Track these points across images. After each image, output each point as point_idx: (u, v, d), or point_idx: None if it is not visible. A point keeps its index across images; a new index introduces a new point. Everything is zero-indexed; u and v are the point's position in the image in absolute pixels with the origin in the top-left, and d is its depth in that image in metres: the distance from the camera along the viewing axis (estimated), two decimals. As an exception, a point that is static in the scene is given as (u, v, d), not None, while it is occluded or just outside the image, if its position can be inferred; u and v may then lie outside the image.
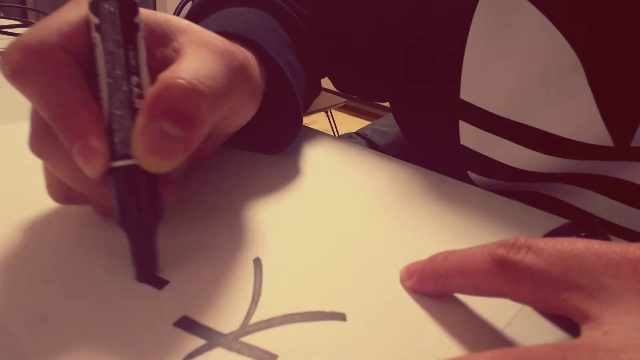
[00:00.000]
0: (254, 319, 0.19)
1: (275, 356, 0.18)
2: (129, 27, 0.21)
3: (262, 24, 0.34)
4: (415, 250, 0.24)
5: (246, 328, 0.19)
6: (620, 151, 0.30)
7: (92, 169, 0.20)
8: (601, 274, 0.16)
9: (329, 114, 2.22)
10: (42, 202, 0.25)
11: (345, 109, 2.98)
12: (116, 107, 0.20)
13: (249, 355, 0.18)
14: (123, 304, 0.20)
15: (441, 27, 0.34)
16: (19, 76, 0.20)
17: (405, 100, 0.41)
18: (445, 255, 0.20)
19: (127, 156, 0.20)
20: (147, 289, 0.20)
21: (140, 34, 0.21)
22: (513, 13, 0.30)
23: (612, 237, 0.24)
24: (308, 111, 1.85)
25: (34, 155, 0.22)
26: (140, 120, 0.20)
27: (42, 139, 0.21)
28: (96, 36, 0.21)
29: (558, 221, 0.28)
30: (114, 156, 0.20)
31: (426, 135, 0.40)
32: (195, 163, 0.29)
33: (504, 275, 0.17)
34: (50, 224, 0.24)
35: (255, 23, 0.33)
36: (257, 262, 0.23)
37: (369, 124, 0.71)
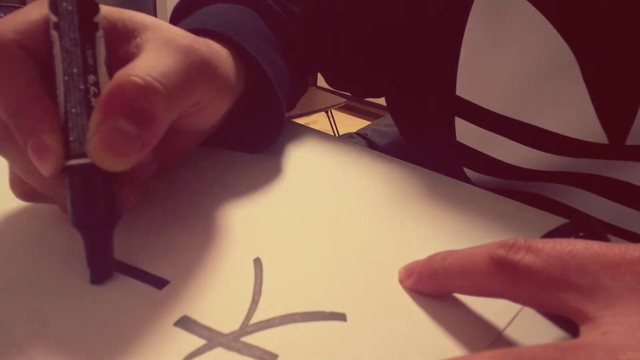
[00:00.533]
0: (254, 319, 0.19)
1: (276, 356, 0.18)
2: (87, 26, 0.21)
3: (245, 22, 0.34)
4: (415, 250, 0.24)
5: (246, 328, 0.19)
6: (616, 149, 0.30)
7: (46, 166, 0.20)
8: (600, 275, 0.16)
9: (329, 114, 2.22)
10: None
11: (345, 109, 2.98)
12: (72, 105, 0.20)
13: (249, 355, 0.18)
14: (123, 304, 0.20)
15: (438, 23, 0.34)
16: None
17: (401, 96, 0.41)
18: (444, 256, 0.20)
19: (83, 155, 0.20)
20: (147, 289, 0.21)
21: (100, 34, 0.21)
22: (509, 10, 0.30)
23: (610, 237, 0.24)
24: (308, 111, 1.85)
25: None
26: (95, 118, 0.19)
27: (0, 136, 0.21)
28: (54, 34, 0.21)
29: (557, 221, 0.28)
30: (69, 154, 0.20)
31: (423, 132, 0.40)
32: (171, 162, 0.28)
33: (503, 275, 0.17)
34: (45, 221, 0.24)
35: (238, 21, 0.33)
36: (257, 262, 0.23)
37: (369, 124, 0.71)
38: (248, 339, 0.18)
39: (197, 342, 0.18)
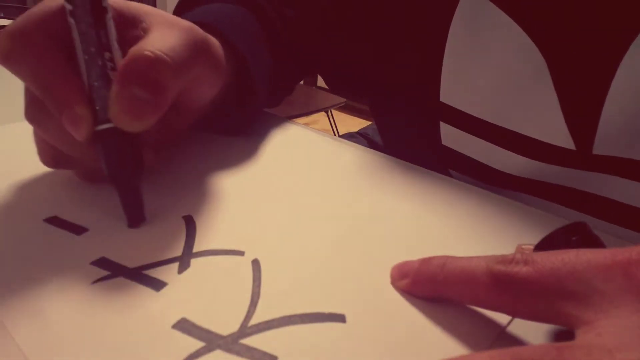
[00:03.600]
0: (253, 321, 0.19)
1: (275, 358, 0.18)
2: (98, 10, 0.24)
3: (236, 18, 0.37)
4: (415, 250, 0.24)
5: (245, 330, 0.19)
6: (584, 158, 0.31)
7: (80, 132, 0.23)
8: (593, 279, 0.16)
9: (329, 114, 2.22)
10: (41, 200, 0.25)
11: (345, 109, 2.98)
12: (94, 80, 0.24)
13: (248, 357, 0.18)
14: (121, 305, 0.20)
15: (421, 33, 0.35)
16: (8, 59, 0.23)
17: (388, 103, 0.42)
18: (444, 262, 0.20)
19: (108, 120, 0.24)
20: (145, 290, 0.21)
21: (109, 16, 0.24)
22: (486, 19, 0.31)
23: (608, 238, 0.24)
24: (308, 111, 1.85)
25: (29, 123, 0.25)
26: (115, 88, 0.23)
27: (35, 110, 0.24)
28: (71, 20, 0.24)
29: (555, 221, 0.28)
30: (97, 121, 0.24)
31: (407, 135, 0.42)
32: (170, 141, 0.32)
33: (501, 288, 0.18)
34: (46, 221, 0.24)
35: (230, 17, 0.36)
36: (256, 263, 0.23)
37: (371, 124, 0.71)
38: (247, 341, 0.18)
39: (196, 344, 0.18)
